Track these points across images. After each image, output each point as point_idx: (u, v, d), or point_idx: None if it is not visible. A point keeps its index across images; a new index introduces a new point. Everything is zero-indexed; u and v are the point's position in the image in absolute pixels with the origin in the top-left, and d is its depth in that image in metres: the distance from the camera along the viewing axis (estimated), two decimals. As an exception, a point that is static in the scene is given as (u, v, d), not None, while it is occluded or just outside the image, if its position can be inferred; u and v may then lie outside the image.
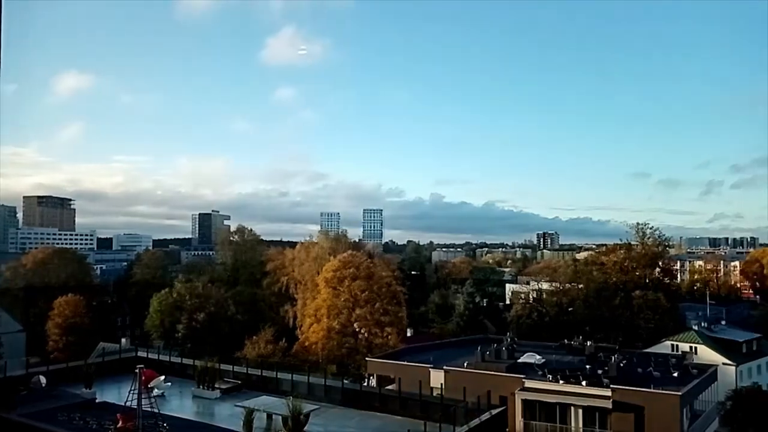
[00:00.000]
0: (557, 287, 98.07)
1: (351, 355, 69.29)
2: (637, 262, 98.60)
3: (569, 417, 44.51)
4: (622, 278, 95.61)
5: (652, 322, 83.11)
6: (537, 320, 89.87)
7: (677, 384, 45.18)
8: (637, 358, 56.33)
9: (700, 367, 53.45)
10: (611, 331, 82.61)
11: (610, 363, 50.25)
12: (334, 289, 72.85)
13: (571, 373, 46.68)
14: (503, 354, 54.66)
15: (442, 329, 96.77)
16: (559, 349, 60.81)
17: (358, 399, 36.86)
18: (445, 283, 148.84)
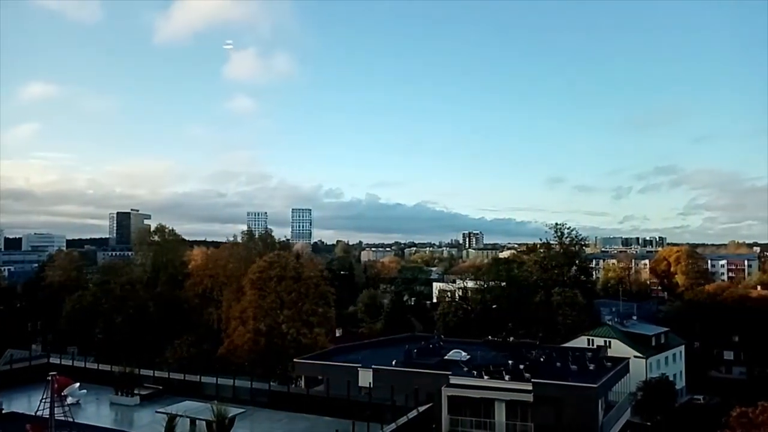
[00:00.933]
0: (482, 285, 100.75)
1: (278, 356, 68.18)
2: (556, 260, 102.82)
3: (493, 411, 45.73)
4: (542, 276, 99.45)
5: (570, 318, 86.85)
6: (463, 318, 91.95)
7: (593, 377, 47.40)
8: (557, 353, 58.66)
9: (613, 360, 56.27)
10: (532, 326, 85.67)
11: (532, 358, 52.09)
12: (261, 290, 71.47)
13: (494, 369, 48.02)
14: (430, 351, 55.46)
15: (371, 328, 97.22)
16: (483, 346, 62.45)
17: (286, 401, 36.36)
18: (374, 282, 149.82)
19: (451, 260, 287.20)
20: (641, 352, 72.97)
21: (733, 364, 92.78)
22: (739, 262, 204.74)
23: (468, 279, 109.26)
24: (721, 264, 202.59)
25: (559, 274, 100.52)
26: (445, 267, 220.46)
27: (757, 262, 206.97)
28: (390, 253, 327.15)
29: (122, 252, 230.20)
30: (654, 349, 77.03)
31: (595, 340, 73.66)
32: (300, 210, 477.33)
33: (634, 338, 77.06)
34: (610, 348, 70.35)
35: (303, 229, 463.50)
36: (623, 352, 69.40)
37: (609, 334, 75.83)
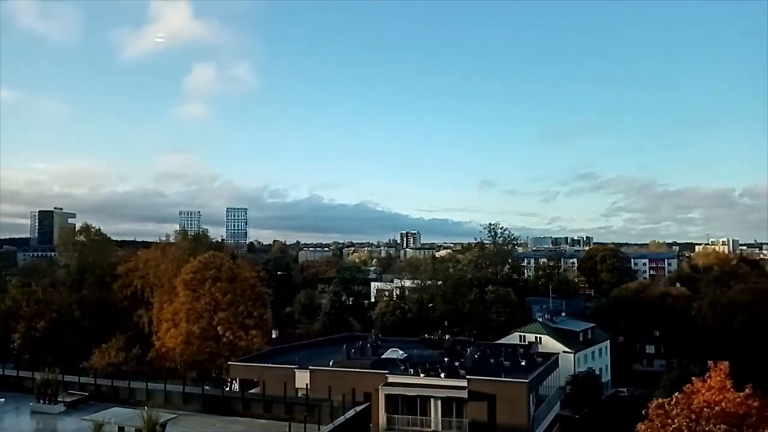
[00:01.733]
0: (419, 284, 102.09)
1: (212, 359, 66.65)
2: (489, 259, 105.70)
3: (429, 408, 46.49)
4: (476, 275, 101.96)
5: (503, 315, 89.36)
6: (400, 317, 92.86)
7: (525, 372, 49.01)
8: (490, 350, 60.19)
9: (544, 356, 58.34)
10: (467, 324, 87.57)
11: (466, 355, 53.26)
12: (194, 292, 69.64)
13: (431, 367, 48.83)
14: (368, 351, 55.72)
15: (308, 329, 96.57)
16: (420, 344, 63.32)
17: (220, 404, 35.57)
18: (312, 282, 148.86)
19: (389, 260, 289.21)
20: (570, 348, 75.91)
21: (655, 357, 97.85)
22: (659, 260, 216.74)
23: (405, 278, 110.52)
24: (643, 262, 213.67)
25: (492, 273, 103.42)
26: (383, 267, 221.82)
27: (676, 260, 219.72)
28: (328, 253, 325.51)
29: (44, 253, 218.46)
30: (582, 344, 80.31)
31: (527, 337, 76.05)
32: (235, 209, 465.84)
33: (563, 334, 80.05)
34: (540, 344, 72.77)
35: (238, 228, 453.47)
36: (553, 347, 71.99)
37: (540, 330, 78.48)
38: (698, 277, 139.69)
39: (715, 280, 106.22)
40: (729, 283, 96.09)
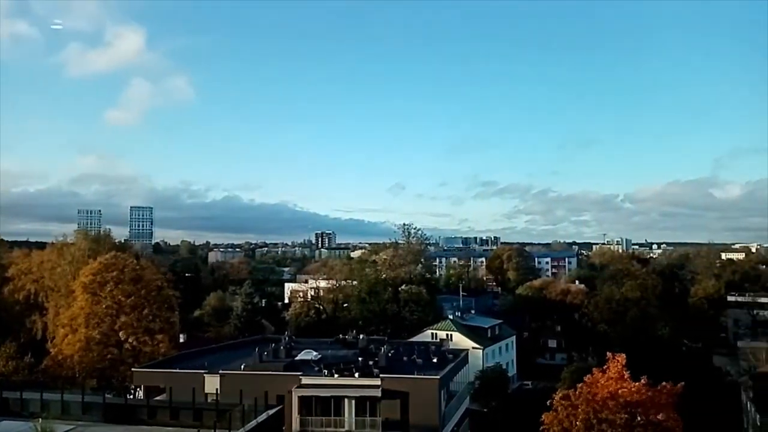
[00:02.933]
0: (334, 285, 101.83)
1: (114, 366, 63.06)
2: (403, 259, 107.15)
3: (343, 408, 46.50)
4: (391, 274, 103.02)
5: (416, 313, 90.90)
6: (315, 317, 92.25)
7: (436, 369, 50.17)
8: (404, 348, 61.13)
9: (455, 352, 59.97)
10: (382, 323, 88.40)
11: (380, 354, 53.75)
12: (95, 295, 65.60)
13: (345, 367, 48.86)
14: (281, 353, 54.92)
15: (219, 332, 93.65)
16: (335, 344, 63.18)
17: (123, 413, 33.76)
18: (223, 284, 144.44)
19: (303, 260, 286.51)
20: (479, 344, 78.47)
21: (556, 351, 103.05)
22: (561, 259, 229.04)
23: (320, 279, 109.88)
24: (546, 261, 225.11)
25: (406, 272, 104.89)
26: (298, 267, 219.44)
27: (575, 259, 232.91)
28: (240, 254, 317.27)
29: None
30: (490, 340, 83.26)
31: (439, 334, 77.85)
32: (140, 208, 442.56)
33: (472, 331, 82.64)
34: (451, 341, 74.73)
35: (143, 228, 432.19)
36: (463, 344, 74.11)
37: (451, 327, 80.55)
38: (595, 275, 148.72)
39: (610, 278, 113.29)
40: (622, 281, 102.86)
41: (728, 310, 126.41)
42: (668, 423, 37.34)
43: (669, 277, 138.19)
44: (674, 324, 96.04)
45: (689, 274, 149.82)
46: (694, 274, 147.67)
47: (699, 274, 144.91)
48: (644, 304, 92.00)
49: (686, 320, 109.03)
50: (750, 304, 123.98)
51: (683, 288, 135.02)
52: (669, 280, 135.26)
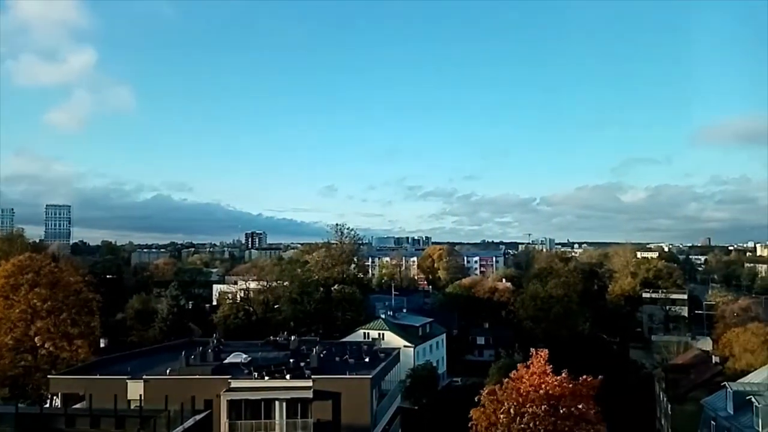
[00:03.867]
0: (264, 286, 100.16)
1: (29, 374, 59.52)
2: (336, 259, 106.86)
3: (273, 411, 45.84)
4: (323, 275, 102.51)
5: (348, 313, 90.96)
6: (244, 319, 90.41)
7: (368, 368, 50.34)
8: (336, 348, 60.98)
9: (386, 351, 60.34)
10: (314, 324, 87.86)
11: (312, 355, 53.38)
12: (6, 299, 61.69)
13: (276, 369, 48.15)
14: (209, 356, 53.49)
15: (143, 336, 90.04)
16: (265, 346, 62.14)
17: (38, 423, 31.90)
18: (147, 286, 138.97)
19: (232, 261, 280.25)
20: (410, 342, 79.44)
21: (485, 348, 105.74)
22: (489, 258, 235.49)
23: (250, 280, 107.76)
24: (475, 260, 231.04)
25: (339, 272, 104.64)
26: (227, 268, 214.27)
27: (503, 258, 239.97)
28: (165, 255, 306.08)
29: None
30: (421, 338, 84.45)
31: (371, 333, 78.23)
32: (56, 207, 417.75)
33: (404, 329, 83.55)
34: (383, 340, 75.24)
35: (60, 228, 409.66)
36: (395, 343, 74.77)
37: (383, 326, 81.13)
38: (521, 274, 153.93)
39: (535, 276, 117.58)
40: (546, 279, 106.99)
41: (643, 306, 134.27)
42: (588, 414, 39.11)
43: (589, 275, 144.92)
44: (594, 320, 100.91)
45: (608, 272, 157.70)
46: (612, 272, 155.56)
47: (616, 272, 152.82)
48: (567, 301, 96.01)
49: (605, 316, 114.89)
50: (663, 301, 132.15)
51: (602, 285, 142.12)
52: (589, 278, 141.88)
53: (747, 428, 43.03)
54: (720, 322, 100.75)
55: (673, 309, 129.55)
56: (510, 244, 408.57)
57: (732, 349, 71.50)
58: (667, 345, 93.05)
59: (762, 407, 42.15)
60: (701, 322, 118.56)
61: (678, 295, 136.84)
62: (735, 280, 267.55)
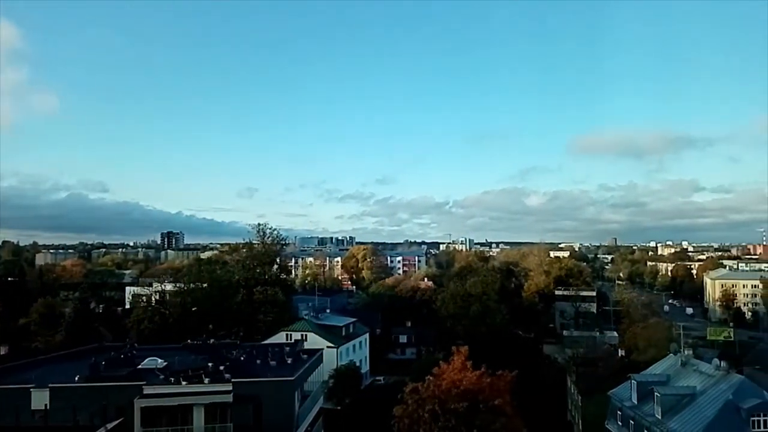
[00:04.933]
0: (181, 287, 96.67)
1: None
2: (258, 260, 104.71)
3: (192, 417, 44.41)
4: (244, 276, 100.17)
5: (270, 315, 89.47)
6: (160, 323, 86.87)
7: (290, 370, 49.81)
8: (257, 350, 59.83)
9: (309, 352, 59.96)
10: (234, 326, 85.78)
11: (232, 358, 52.17)
12: None
13: (193, 373, 46.64)
14: (121, 362, 51.14)
15: (49, 342, 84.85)
16: (183, 350, 60.04)
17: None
18: (52, 289, 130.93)
19: (147, 262, 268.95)
20: (333, 342, 79.29)
21: (407, 346, 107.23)
22: (411, 258, 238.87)
23: (167, 282, 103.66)
24: (398, 260, 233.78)
25: (261, 273, 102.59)
26: (141, 270, 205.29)
27: (425, 258, 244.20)
28: (73, 256, 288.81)
29: None
30: (344, 338, 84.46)
31: (293, 335, 77.39)
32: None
33: (327, 330, 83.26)
34: (306, 341, 74.61)
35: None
36: (318, 343, 74.41)
37: (306, 327, 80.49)
38: (442, 273, 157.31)
39: (456, 275, 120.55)
40: (466, 277, 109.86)
41: (556, 302, 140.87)
42: (505, 407, 40.56)
43: (506, 274, 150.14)
44: (511, 316, 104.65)
45: (523, 271, 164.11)
46: (527, 270, 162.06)
47: (531, 270, 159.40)
48: (485, 299, 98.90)
49: (521, 313, 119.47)
50: (573, 298, 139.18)
51: (518, 283, 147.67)
52: (506, 276, 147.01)
53: (649, 416, 46.10)
54: (625, 318, 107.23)
55: (583, 306, 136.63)
56: (432, 243, 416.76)
57: (636, 343, 76.37)
58: (578, 339, 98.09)
59: (662, 396, 45.29)
60: (609, 317, 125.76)
61: (587, 292, 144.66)
62: (639, 278, 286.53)
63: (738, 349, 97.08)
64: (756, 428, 40.43)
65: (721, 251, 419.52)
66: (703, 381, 46.59)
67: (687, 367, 51.20)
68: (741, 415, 40.83)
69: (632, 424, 48.90)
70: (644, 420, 46.51)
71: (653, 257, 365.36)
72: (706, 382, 46.22)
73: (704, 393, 44.78)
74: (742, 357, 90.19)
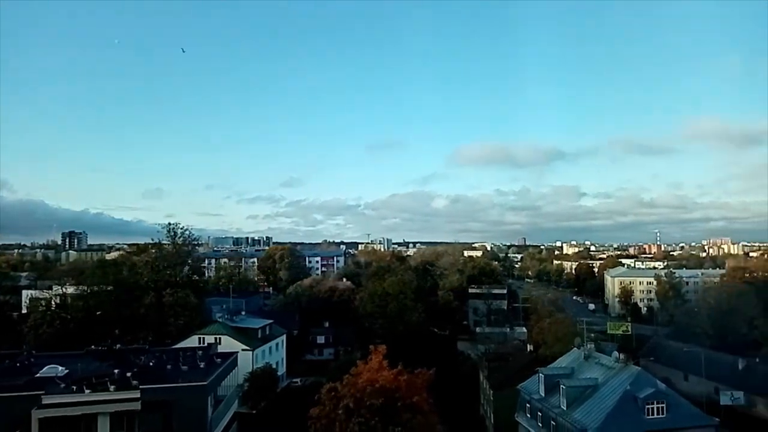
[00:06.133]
0: (84, 290, 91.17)
1: None
2: (168, 261, 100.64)
3: (96, 427, 42.03)
4: (153, 277, 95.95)
5: (182, 318, 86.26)
6: (61, 328, 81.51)
7: (203, 375, 48.27)
8: (167, 355, 57.55)
9: (223, 356, 58.37)
10: (143, 330, 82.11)
11: (140, 364, 49.88)
12: None
13: (98, 381, 44.13)
14: (17, 371, 47.60)
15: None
16: (86, 357, 56.62)
17: None
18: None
19: (46, 264, 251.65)
20: (249, 345, 77.62)
21: (325, 346, 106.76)
22: (330, 258, 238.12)
23: (68, 284, 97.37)
24: (316, 260, 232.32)
25: (171, 275, 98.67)
26: (39, 272, 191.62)
27: (343, 257, 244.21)
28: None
29: None
30: (260, 340, 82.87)
31: (207, 338, 75.05)
32: None
33: (242, 332, 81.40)
34: (220, 344, 72.54)
35: None
36: (233, 346, 72.63)
37: (219, 330, 78.30)
38: (361, 272, 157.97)
39: (374, 274, 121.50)
40: (384, 276, 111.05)
41: (469, 300, 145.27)
42: (421, 404, 41.29)
43: (423, 273, 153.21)
44: (427, 314, 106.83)
45: (439, 269, 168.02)
46: (442, 269, 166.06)
47: (446, 269, 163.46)
48: (402, 297, 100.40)
49: (437, 311, 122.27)
50: (486, 295, 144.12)
51: (434, 282, 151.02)
52: (423, 275, 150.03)
53: (555, 408, 48.51)
54: (534, 314, 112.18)
55: (495, 303, 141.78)
56: (350, 243, 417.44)
57: (544, 338, 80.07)
58: (490, 336, 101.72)
59: (567, 389, 47.80)
60: (518, 314, 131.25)
61: (499, 290, 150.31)
62: (546, 276, 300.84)
63: (635, 342, 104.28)
64: (650, 415, 43.59)
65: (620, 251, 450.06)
66: (604, 373, 49.64)
67: (590, 360, 54.38)
68: (637, 403, 43.88)
69: (540, 416, 51.28)
70: (551, 411, 48.91)
71: (559, 256, 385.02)
72: (606, 373, 49.28)
73: (605, 384, 47.74)
74: (639, 349, 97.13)
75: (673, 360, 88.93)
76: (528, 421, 53.85)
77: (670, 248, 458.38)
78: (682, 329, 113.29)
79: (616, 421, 42.73)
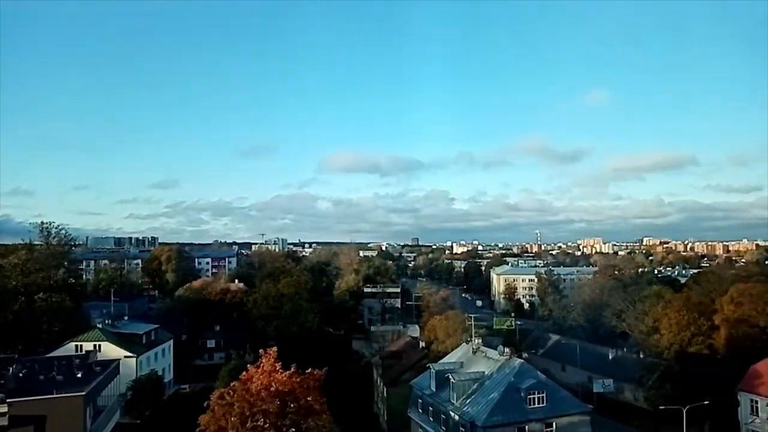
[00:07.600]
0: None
1: None
2: (41, 263, 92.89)
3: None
4: (23, 281, 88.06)
5: (56, 324, 79.99)
6: None
7: (81, 385, 45.21)
8: (40, 365, 53.27)
9: (103, 364, 54.99)
10: (11, 339, 75.33)
11: (8, 375, 45.75)
12: None
13: (-44, 397, 39.89)
14: None
15: None
16: (-60, 371, 50.99)
17: None
18: None
19: None
20: (132, 352, 73.42)
21: (215, 351, 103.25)
22: (221, 259, 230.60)
23: None
24: (207, 261, 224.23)
25: (44, 278, 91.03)
26: None
27: (236, 258, 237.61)
28: None
29: None
30: (145, 346, 78.63)
31: (84, 346, 70.14)
32: None
33: (125, 338, 76.84)
34: (100, 351, 68.23)
35: None
36: (114, 353, 68.65)
37: (99, 337, 73.36)
38: (254, 273, 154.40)
39: (268, 275, 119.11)
40: (279, 278, 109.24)
41: (365, 300, 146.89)
42: (315, 405, 41.11)
43: (318, 273, 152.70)
44: (322, 315, 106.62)
45: (335, 269, 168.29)
46: (338, 269, 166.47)
47: (342, 269, 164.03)
48: (297, 298, 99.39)
49: (332, 311, 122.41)
50: (381, 294, 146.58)
51: (330, 282, 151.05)
52: (318, 275, 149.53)
53: (445, 402, 50.29)
54: (426, 311, 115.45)
55: (389, 301, 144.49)
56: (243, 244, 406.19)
57: (436, 334, 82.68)
58: (384, 334, 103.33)
59: (456, 383, 49.72)
60: (412, 312, 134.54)
61: (393, 289, 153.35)
62: (437, 274, 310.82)
63: (518, 336, 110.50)
64: (531, 405, 46.43)
65: (505, 250, 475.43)
66: (490, 366, 52.17)
67: (477, 354, 56.91)
68: (521, 394, 46.56)
69: (431, 411, 52.96)
70: (441, 405, 50.66)
71: (449, 255, 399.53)
72: (493, 366, 51.84)
73: (491, 377, 50.22)
74: (522, 342, 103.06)
75: (552, 352, 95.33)
76: (420, 416, 55.39)
77: (549, 247, 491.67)
78: (559, 323, 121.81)
79: (502, 412, 45.10)
